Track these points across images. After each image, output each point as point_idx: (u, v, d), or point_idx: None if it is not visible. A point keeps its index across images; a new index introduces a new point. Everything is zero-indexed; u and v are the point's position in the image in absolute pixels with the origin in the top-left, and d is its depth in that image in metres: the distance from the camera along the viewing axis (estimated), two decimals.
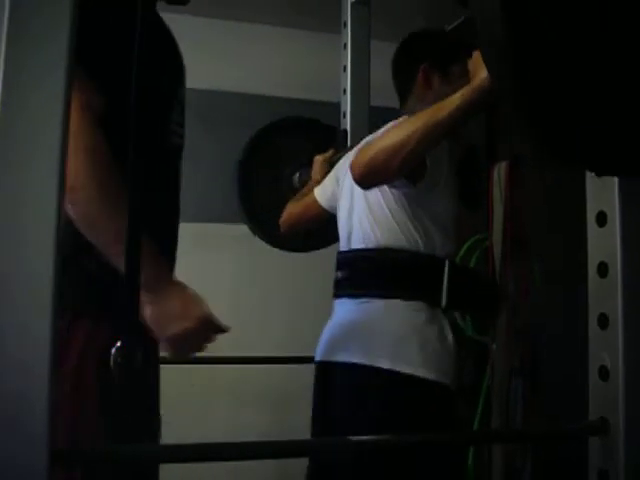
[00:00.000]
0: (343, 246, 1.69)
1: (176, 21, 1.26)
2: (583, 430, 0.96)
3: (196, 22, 2.79)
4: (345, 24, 2.05)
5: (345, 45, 2.01)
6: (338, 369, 1.57)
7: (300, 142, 2.15)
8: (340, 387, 1.58)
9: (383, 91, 1.92)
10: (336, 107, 2.12)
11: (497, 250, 2.06)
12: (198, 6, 1.84)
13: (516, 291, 2.01)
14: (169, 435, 1.15)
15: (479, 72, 1.41)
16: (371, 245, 1.60)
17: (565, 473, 1.80)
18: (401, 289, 1.56)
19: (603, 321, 0.95)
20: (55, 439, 0.59)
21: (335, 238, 1.73)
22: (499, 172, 2.09)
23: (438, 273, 1.57)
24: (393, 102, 1.81)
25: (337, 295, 1.65)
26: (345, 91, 2.03)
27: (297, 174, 2.07)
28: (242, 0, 3.08)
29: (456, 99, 1.40)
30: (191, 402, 2.56)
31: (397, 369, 1.48)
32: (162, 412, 1.22)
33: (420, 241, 1.55)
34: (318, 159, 1.90)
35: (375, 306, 1.56)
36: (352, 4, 2.03)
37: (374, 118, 2.00)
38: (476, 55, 1.44)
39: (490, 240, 2.08)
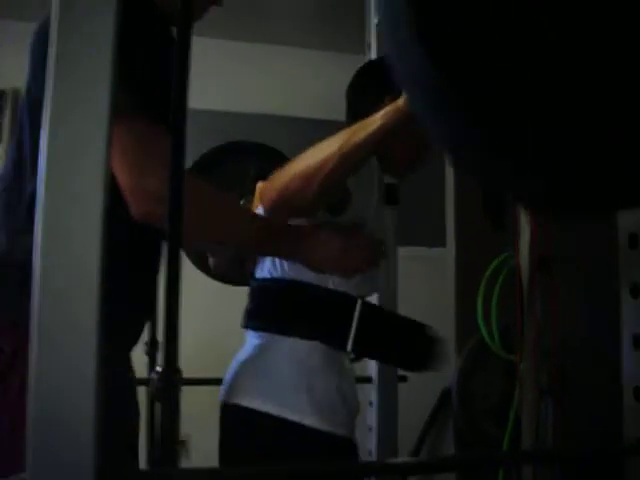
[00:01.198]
0: (256, 274, 1.59)
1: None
2: (620, 451, 0.96)
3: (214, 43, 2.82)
4: (369, 46, 2.07)
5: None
6: (231, 410, 1.47)
7: (246, 167, 2.09)
8: (230, 430, 1.48)
9: None
10: None
11: (524, 269, 2.06)
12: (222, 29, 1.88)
13: (544, 311, 2.00)
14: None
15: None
16: (276, 275, 1.49)
17: None
18: (300, 327, 1.45)
19: (637, 342, 0.95)
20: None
21: None
22: None
23: (347, 313, 1.44)
24: None
25: (244, 325, 1.56)
26: None
27: (242, 200, 1.99)
28: (266, 22, 3.12)
29: (378, 118, 1.28)
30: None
31: (284, 416, 1.38)
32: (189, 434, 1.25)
33: (330, 278, 1.44)
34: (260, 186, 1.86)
35: (273, 343, 1.46)
36: (376, 25, 2.05)
37: None
38: None
39: (517, 259, 2.08)
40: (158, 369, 0.70)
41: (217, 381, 1.82)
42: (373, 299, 1.90)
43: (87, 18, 0.64)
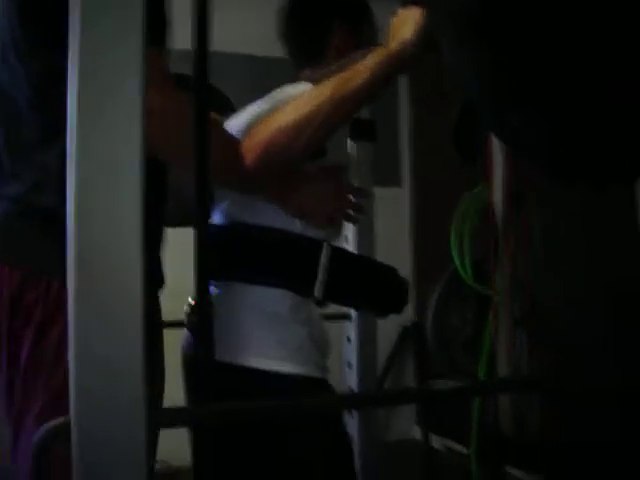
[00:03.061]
0: (213, 218, 1.49)
1: None
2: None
3: None
4: None
5: None
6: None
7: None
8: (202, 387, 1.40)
9: None
10: None
11: (498, 203, 2.07)
12: None
13: (518, 244, 2.03)
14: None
15: (399, 33, 1.22)
16: (236, 219, 1.42)
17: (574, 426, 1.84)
18: (265, 275, 1.37)
19: None
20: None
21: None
22: None
23: (314, 258, 1.37)
24: None
25: None
26: None
27: None
28: None
29: (370, 65, 1.20)
30: None
31: (253, 365, 1.33)
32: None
33: (296, 222, 1.37)
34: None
35: (236, 294, 1.38)
36: None
37: None
38: (401, 14, 1.26)
39: (490, 192, 2.09)
40: (191, 302, 0.68)
41: (177, 324, 1.79)
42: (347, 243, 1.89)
43: None
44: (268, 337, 1.35)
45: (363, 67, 1.20)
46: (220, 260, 1.40)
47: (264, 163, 1.19)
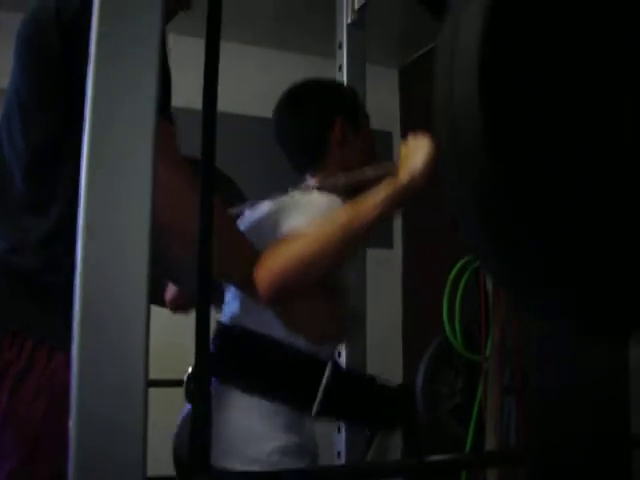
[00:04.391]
0: (223, 313, 1.50)
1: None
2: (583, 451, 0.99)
3: (181, 40, 2.79)
4: (340, 45, 2.06)
5: (340, 67, 2.03)
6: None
7: None
8: None
9: (376, 116, 1.94)
10: None
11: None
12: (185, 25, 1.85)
13: (508, 311, 2.04)
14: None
15: (409, 164, 1.24)
16: (244, 323, 1.41)
17: None
18: (260, 383, 1.37)
19: None
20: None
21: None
22: None
23: (316, 377, 1.35)
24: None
25: None
26: None
27: None
28: (233, 21, 3.09)
29: (380, 199, 1.22)
30: None
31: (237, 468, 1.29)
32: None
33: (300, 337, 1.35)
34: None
35: (229, 394, 1.36)
36: (348, 26, 2.05)
37: None
38: (410, 143, 1.28)
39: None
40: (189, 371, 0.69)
41: (177, 383, 1.77)
42: None
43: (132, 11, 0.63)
44: (259, 438, 1.33)
45: (373, 201, 1.22)
46: (222, 359, 1.41)
47: (280, 294, 1.21)
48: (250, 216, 1.56)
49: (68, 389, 0.55)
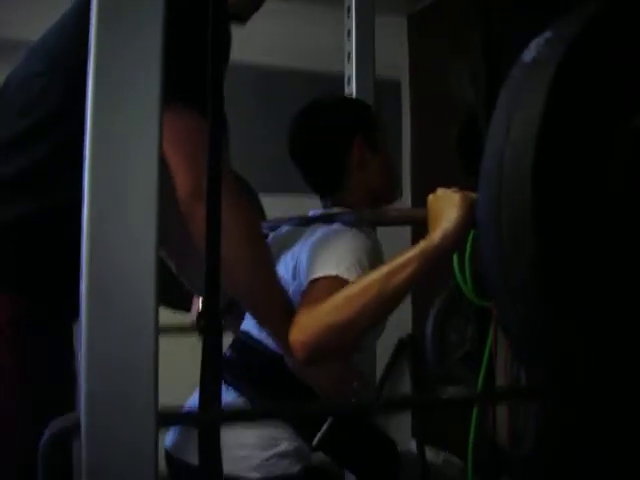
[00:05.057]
0: (243, 324, 1.53)
1: None
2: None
3: None
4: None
5: (349, 9, 2.00)
6: (182, 469, 1.38)
7: None
8: None
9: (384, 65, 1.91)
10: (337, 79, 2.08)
11: None
12: None
13: None
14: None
15: (440, 220, 1.21)
16: (264, 340, 1.43)
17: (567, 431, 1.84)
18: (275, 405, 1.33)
19: None
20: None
21: None
22: None
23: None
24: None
25: None
26: (349, 56, 2.01)
27: None
28: None
29: (415, 259, 1.21)
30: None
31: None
32: None
33: None
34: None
35: (241, 406, 1.38)
36: None
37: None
38: (440, 195, 1.25)
39: None
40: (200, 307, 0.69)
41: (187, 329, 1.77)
42: None
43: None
44: (251, 461, 1.35)
45: (406, 260, 1.21)
46: (239, 371, 1.42)
47: (316, 359, 1.22)
48: (273, 243, 1.54)
49: None
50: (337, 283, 1.28)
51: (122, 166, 0.61)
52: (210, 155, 0.72)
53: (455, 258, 2.00)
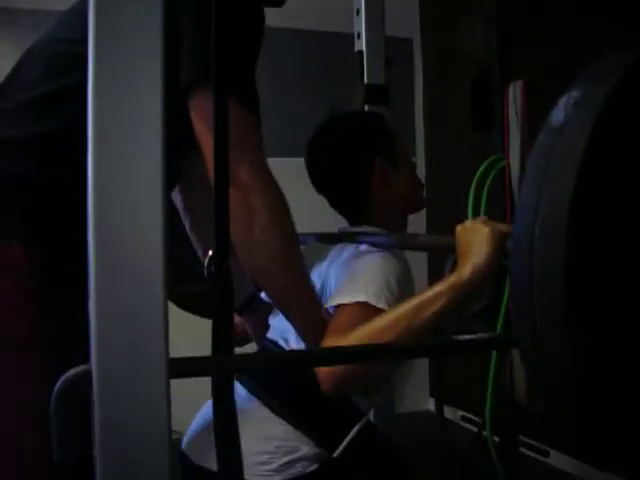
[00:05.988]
0: (270, 332, 1.52)
1: None
2: None
3: None
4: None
5: None
6: (199, 472, 1.35)
7: None
8: None
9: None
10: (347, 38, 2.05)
11: (515, 171, 2.06)
12: None
13: None
14: None
15: (470, 254, 1.17)
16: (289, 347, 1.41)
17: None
18: (299, 418, 1.35)
19: None
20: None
21: None
22: (514, 92, 2.07)
23: (348, 425, 1.35)
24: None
25: (237, 377, 1.43)
26: (358, 12, 1.98)
27: None
28: None
29: (444, 293, 1.18)
30: None
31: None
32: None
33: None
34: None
35: (260, 415, 1.36)
36: None
37: None
38: (469, 227, 1.21)
39: (507, 161, 2.07)
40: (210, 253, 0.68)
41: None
42: None
43: None
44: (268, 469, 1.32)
45: (436, 294, 1.19)
46: (264, 379, 1.40)
47: (341, 390, 1.23)
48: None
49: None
50: (365, 310, 1.28)
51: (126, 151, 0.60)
52: (217, 135, 0.70)
53: (470, 211, 1.99)
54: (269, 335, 1.54)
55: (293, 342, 1.45)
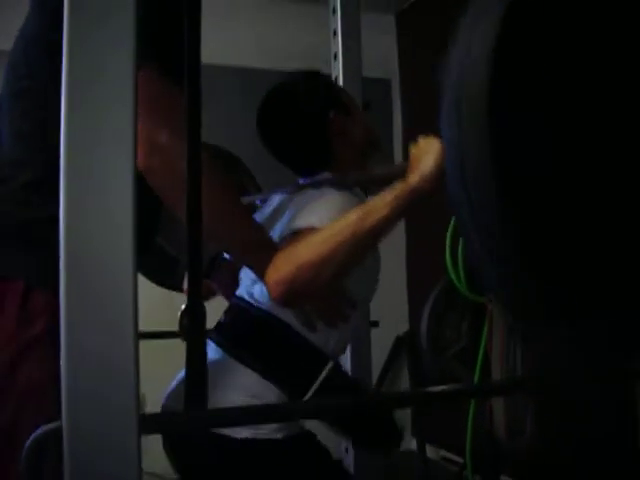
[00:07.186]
0: (238, 290, 1.53)
1: None
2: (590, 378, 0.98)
3: None
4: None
5: (334, 9, 1.99)
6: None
7: None
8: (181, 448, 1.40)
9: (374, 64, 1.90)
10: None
11: None
12: None
13: None
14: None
15: (419, 166, 1.22)
16: (256, 301, 1.45)
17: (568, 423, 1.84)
18: (265, 365, 1.38)
19: None
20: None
21: None
22: None
23: (315, 370, 1.38)
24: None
25: (210, 337, 1.47)
26: (336, 56, 2.01)
27: None
28: None
29: (389, 201, 1.21)
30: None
31: (243, 436, 1.31)
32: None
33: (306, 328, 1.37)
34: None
35: (229, 368, 1.38)
36: None
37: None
38: (421, 144, 1.26)
39: None
40: (183, 307, 0.69)
41: (171, 334, 1.77)
42: None
43: None
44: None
45: (382, 202, 1.21)
46: (230, 331, 1.44)
47: (289, 298, 1.21)
48: (262, 211, 1.56)
49: (43, 337, 0.53)
50: None
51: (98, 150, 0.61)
52: (190, 132, 0.71)
53: (447, 255, 2.00)
54: (237, 292, 1.55)
55: (257, 294, 1.46)
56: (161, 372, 1.82)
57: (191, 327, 0.68)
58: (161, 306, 2.42)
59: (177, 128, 1.04)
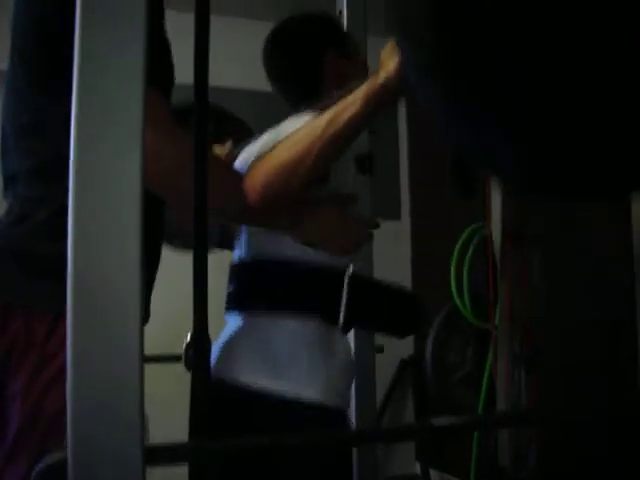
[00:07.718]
0: (235, 254, 1.55)
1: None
2: (596, 412, 0.98)
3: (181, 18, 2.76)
4: (340, 13, 2.03)
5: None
6: (223, 387, 1.39)
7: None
8: (223, 407, 1.39)
9: None
10: None
11: (496, 239, 2.08)
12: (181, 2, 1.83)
13: (516, 280, 2.03)
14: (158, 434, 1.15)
15: (386, 65, 1.22)
16: (257, 254, 1.47)
17: (571, 454, 1.83)
18: (289, 303, 1.41)
19: None
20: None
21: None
22: None
23: (336, 287, 1.42)
24: None
25: (227, 308, 1.50)
26: None
27: None
28: None
29: (359, 98, 1.21)
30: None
31: (281, 389, 1.34)
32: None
33: (313, 254, 1.40)
34: (217, 153, 1.69)
35: (262, 321, 1.42)
36: None
37: None
38: (389, 45, 1.26)
39: (488, 229, 2.09)
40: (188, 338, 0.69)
41: (176, 358, 1.77)
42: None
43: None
44: (298, 362, 1.37)
45: (352, 100, 1.21)
46: (247, 292, 1.46)
47: (266, 201, 1.21)
48: (251, 146, 1.57)
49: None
50: None
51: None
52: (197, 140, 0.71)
53: (452, 281, 2.01)
54: (233, 259, 1.56)
55: (249, 250, 1.49)
56: (163, 394, 1.82)
57: (196, 359, 0.68)
58: (167, 327, 2.42)
59: (178, 134, 1.05)
